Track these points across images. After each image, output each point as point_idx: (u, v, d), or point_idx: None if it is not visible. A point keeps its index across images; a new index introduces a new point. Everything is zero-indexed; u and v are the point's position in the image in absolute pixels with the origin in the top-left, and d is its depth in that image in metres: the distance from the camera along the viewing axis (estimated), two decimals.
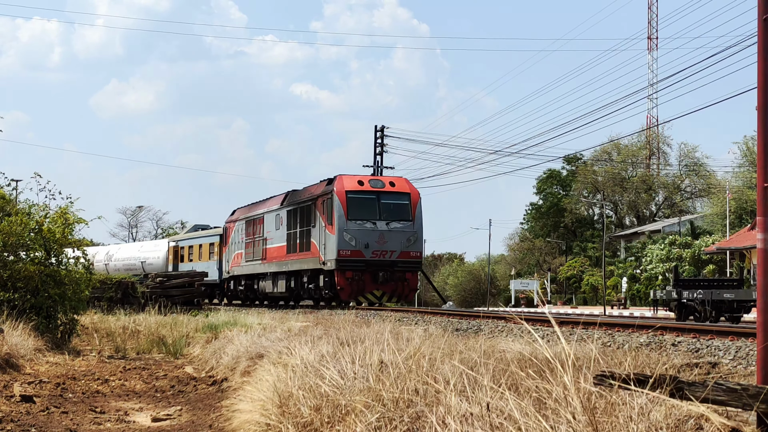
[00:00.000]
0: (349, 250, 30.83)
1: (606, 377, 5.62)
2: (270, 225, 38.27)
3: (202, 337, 19.07)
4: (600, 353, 9.04)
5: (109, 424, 9.77)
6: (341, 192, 31.31)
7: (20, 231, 18.59)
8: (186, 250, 52.62)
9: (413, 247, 31.74)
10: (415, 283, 32.24)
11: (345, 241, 30.75)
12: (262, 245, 39.08)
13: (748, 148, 71.84)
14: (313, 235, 32.89)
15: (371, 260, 31.10)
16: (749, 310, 27.64)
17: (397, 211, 31.80)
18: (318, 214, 32.58)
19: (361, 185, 31.81)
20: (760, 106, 6.13)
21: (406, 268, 31.59)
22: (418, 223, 32.04)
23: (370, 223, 31.22)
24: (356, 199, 31.39)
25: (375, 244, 31.08)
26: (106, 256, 59.96)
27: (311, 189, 34.82)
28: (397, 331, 12.92)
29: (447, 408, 5.79)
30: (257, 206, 41.76)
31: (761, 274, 6.01)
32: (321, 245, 31.95)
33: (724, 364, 10.15)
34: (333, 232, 31.01)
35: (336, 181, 32.05)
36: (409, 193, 32.40)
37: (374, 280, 31.17)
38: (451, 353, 8.56)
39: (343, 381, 7.32)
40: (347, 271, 30.89)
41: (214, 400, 11.38)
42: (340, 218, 30.92)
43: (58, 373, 13.94)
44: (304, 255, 33.68)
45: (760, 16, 6.11)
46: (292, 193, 37.40)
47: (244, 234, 42.00)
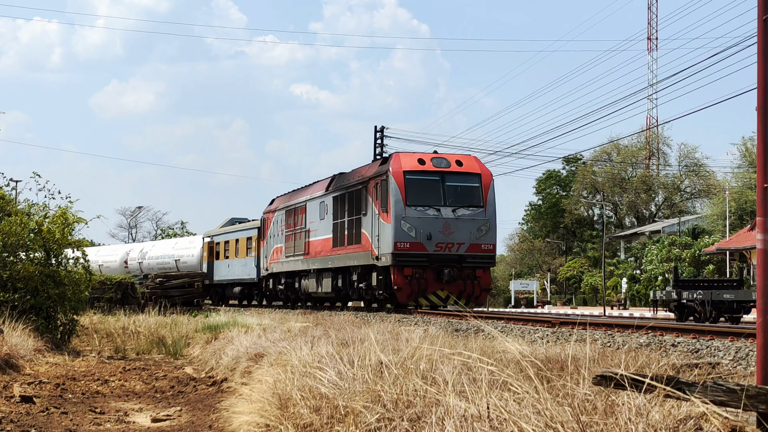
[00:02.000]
0: (408, 242, 26.15)
1: (606, 378, 5.62)
2: (313, 214, 33.70)
3: (201, 338, 19.08)
4: (600, 353, 9.04)
5: (109, 424, 9.77)
6: (398, 172, 26.55)
7: (20, 231, 18.59)
8: (222, 246, 48.39)
9: (485, 239, 26.86)
10: (488, 282, 27.35)
11: (403, 232, 26.16)
12: (304, 238, 34.48)
13: (747, 149, 71.90)
14: (365, 225, 28.32)
15: (435, 254, 26.34)
16: (749, 311, 27.65)
17: (466, 195, 27.00)
18: (370, 199, 27.94)
19: (422, 164, 26.90)
20: (760, 106, 6.13)
21: (477, 263, 26.71)
22: (490, 209, 27.03)
23: (433, 210, 26.49)
24: (416, 180, 26.68)
25: (439, 234, 26.36)
26: (140, 254, 56.36)
27: (361, 170, 30.01)
28: (397, 332, 12.93)
29: (446, 408, 5.79)
30: (298, 193, 37.05)
31: (761, 274, 6.01)
32: (374, 236, 27.38)
33: (723, 365, 10.15)
34: (388, 221, 26.43)
35: (392, 159, 27.28)
36: (480, 174, 27.33)
37: (438, 278, 26.37)
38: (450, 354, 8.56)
39: (343, 382, 7.33)
40: (406, 267, 26.16)
41: (213, 400, 11.38)
42: (397, 204, 26.27)
43: (58, 373, 13.94)
44: (354, 248, 29.14)
45: (760, 16, 6.11)
46: (339, 177, 32.34)
47: (284, 225, 37.51)
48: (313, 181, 36.54)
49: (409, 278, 26.01)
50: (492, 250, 26.99)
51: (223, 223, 52.01)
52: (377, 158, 29.97)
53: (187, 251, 51.30)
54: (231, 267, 46.46)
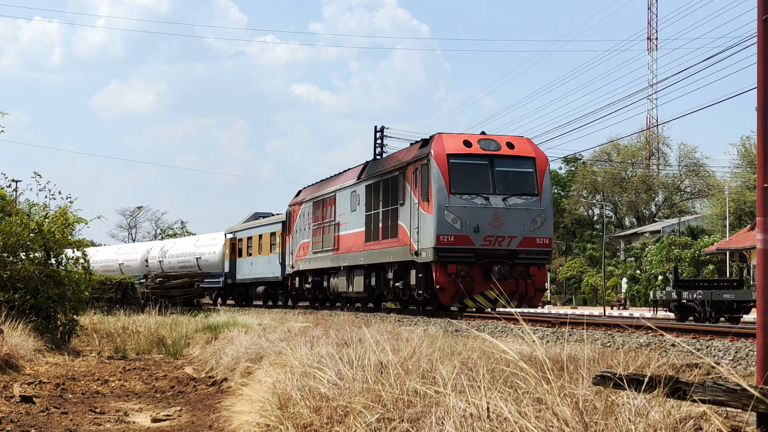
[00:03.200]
0: (453, 236, 23.18)
1: (606, 377, 5.63)
2: (343, 205, 30.57)
3: (201, 338, 19.09)
4: (599, 353, 9.05)
5: (109, 424, 9.77)
6: (441, 156, 23.55)
7: (20, 231, 18.60)
8: (244, 243, 45.18)
9: (540, 231, 23.84)
10: (543, 281, 24.42)
11: (447, 223, 23.14)
12: (333, 232, 31.32)
13: (746, 149, 71.93)
14: (402, 216, 25.32)
15: (483, 249, 23.34)
16: (749, 311, 27.66)
17: (518, 182, 24.07)
18: (408, 187, 24.96)
19: (468, 147, 23.89)
20: (760, 106, 6.13)
21: (531, 259, 23.73)
22: (546, 198, 24.12)
23: (481, 198, 23.51)
24: (462, 165, 23.72)
25: (488, 226, 23.39)
26: (161, 252, 54.18)
27: (398, 155, 27.15)
28: (397, 332, 12.93)
29: (446, 408, 5.80)
30: (327, 183, 33.63)
31: (761, 274, 6.02)
32: (412, 229, 24.43)
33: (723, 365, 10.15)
34: (430, 211, 23.46)
35: (434, 141, 24.17)
36: (534, 158, 24.34)
37: (486, 276, 23.36)
38: (450, 354, 8.56)
39: (343, 382, 7.33)
40: (449, 263, 23.14)
41: (213, 400, 11.38)
42: (440, 191, 23.27)
43: (58, 373, 13.94)
44: (389, 243, 26.14)
45: (760, 16, 6.12)
46: (373, 163, 29.68)
47: (311, 219, 34.31)
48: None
49: (454, 276, 23.13)
50: (548, 244, 24.05)
51: (246, 217, 48.75)
52: (415, 142, 26.14)
53: (209, 249, 48.93)
54: (254, 265, 43.58)
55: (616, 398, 5.55)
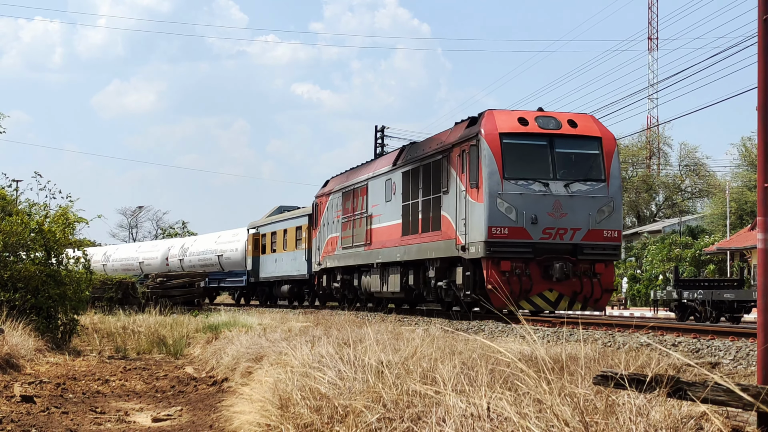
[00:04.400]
0: (507, 228, 20.26)
1: (606, 377, 5.63)
2: (377, 195, 27.55)
3: (202, 338, 19.10)
4: (600, 353, 9.05)
5: (110, 424, 9.78)
6: (493, 135, 20.58)
7: (21, 231, 18.61)
8: (268, 238, 42.41)
9: (608, 223, 20.83)
10: (610, 280, 21.29)
11: (500, 213, 20.26)
12: (365, 225, 28.26)
13: (747, 149, 71.94)
14: (445, 206, 22.40)
15: (541, 243, 20.44)
16: (749, 311, 27.67)
17: (583, 165, 21.18)
18: (453, 172, 21.99)
19: (524, 125, 20.96)
20: (760, 106, 6.13)
21: (597, 255, 20.73)
22: (614, 184, 21.01)
23: (539, 185, 20.55)
24: (517, 146, 20.82)
25: (547, 217, 20.46)
26: (181, 250, 51.86)
27: (441, 137, 23.92)
28: (398, 332, 12.94)
29: (447, 408, 5.80)
30: (358, 171, 30.66)
31: (761, 274, 6.02)
32: (458, 220, 21.51)
33: (724, 365, 10.16)
34: (480, 199, 20.51)
35: (484, 119, 21.10)
36: (600, 138, 21.30)
37: (546, 274, 20.44)
38: (451, 353, 8.57)
39: (343, 382, 7.33)
40: (503, 259, 20.24)
41: (214, 400, 11.38)
42: (492, 176, 20.30)
43: (59, 373, 13.95)
44: (430, 236, 23.22)
45: (760, 16, 6.12)
46: (411, 147, 26.43)
47: (340, 211, 31.16)
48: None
49: (508, 275, 20.18)
50: (617, 238, 20.94)
51: (270, 211, 45.88)
52: (460, 121, 22.91)
53: (231, 245, 46.40)
54: (278, 262, 40.85)
55: (617, 398, 5.55)
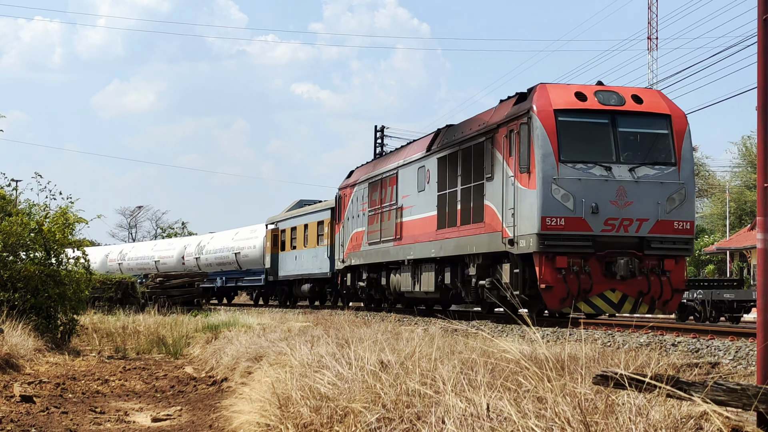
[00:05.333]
0: (563, 218, 17.79)
1: (606, 377, 5.63)
2: (408, 184, 25.13)
3: (202, 338, 19.10)
4: (600, 353, 9.05)
5: (109, 424, 9.78)
6: (547, 112, 18.12)
7: (20, 231, 18.62)
8: (288, 234, 40.00)
9: (680, 213, 18.29)
10: (681, 279, 18.70)
11: (555, 201, 17.78)
12: (394, 218, 25.94)
13: (747, 149, 71.96)
14: (489, 195, 19.83)
15: (603, 236, 17.89)
16: (749, 310, 27.69)
17: (650, 147, 18.71)
18: (499, 156, 19.46)
19: (583, 100, 18.46)
20: (760, 106, 6.13)
21: (667, 250, 18.19)
22: (687, 168, 18.44)
23: (600, 168, 18.02)
24: (575, 124, 18.35)
25: (610, 206, 17.93)
26: (197, 248, 49.85)
27: (483, 116, 21.14)
28: (397, 332, 12.94)
29: (446, 408, 5.79)
30: (387, 159, 28.47)
31: (761, 274, 6.01)
32: (505, 210, 19.00)
33: (724, 364, 10.16)
34: (532, 186, 18.04)
35: (536, 94, 18.55)
36: (669, 115, 18.69)
37: (608, 272, 17.96)
38: (450, 353, 8.57)
39: (342, 382, 7.33)
40: (559, 255, 17.76)
41: (214, 400, 11.38)
42: (546, 159, 17.86)
43: (58, 373, 13.95)
44: (471, 229, 20.74)
45: (760, 16, 6.11)
46: (447, 130, 23.63)
47: (366, 203, 28.73)
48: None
49: (564, 272, 17.76)
50: (689, 230, 18.34)
51: (290, 206, 43.44)
52: (506, 99, 20.35)
53: (249, 242, 44.08)
54: (299, 259, 38.39)
55: (617, 398, 5.55)
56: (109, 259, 59.98)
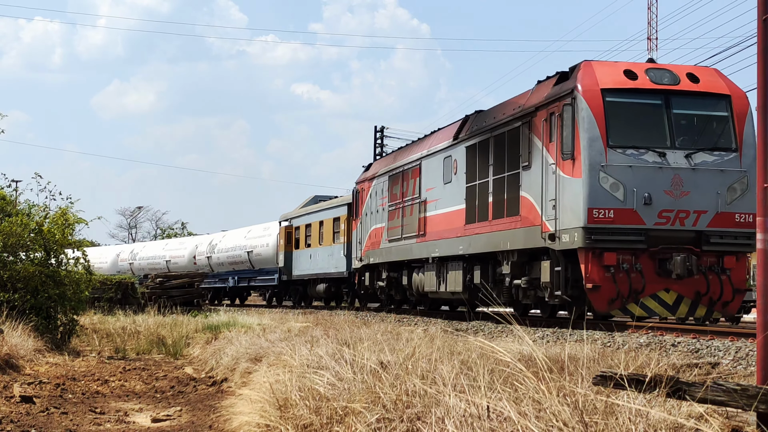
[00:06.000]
0: (612, 210, 16.25)
1: (606, 377, 5.63)
2: (433, 176, 23.62)
3: (201, 338, 19.10)
4: (600, 353, 9.05)
5: (109, 424, 9.78)
6: (593, 91, 16.59)
7: (20, 232, 18.62)
8: (302, 231, 38.55)
9: (741, 204, 16.72)
10: (743, 277, 17.18)
11: (603, 191, 16.24)
12: (417, 212, 24.42)
13: None
14: (526, 185, 18.32)
15: (657, 230, 16.35)
16: (749, 311, 27.67)
17: (708, 131, 17.18)
18: (537, 142, 17.90)
19: (633, 79, 16.90)
20: (760, 106, 6.13)
21: (728, 246, 16.66)
22: (749, 155, 16.71)
23: (653, 154, 16.45)
24: (625, 105, 16.82)
25: (665, 196, 16.36)
26: (209, 248, 48.34)
27: (518, 100, 19.60)
28: (397, 332, 12.94)
29: (446, 409, 5.79)
30: (409, 150, 26.78)
31: (761, 274, 6.02)
32: (546, 202, 17.43)
33: (724, 365, 10.16)
34: (577, 174, 16.50)
35: (580, 72, 17.03)
36: (728, 96, 17.18)
37: (662, 270, 16.36)
38: (450, 354, 8.57)
39: (342, 382, 7.33)
40: (607, 251, 16.24)
41: (213, 400, 11.38)
42: (593, 144, 16.32)
43: (58, 373, 13.94)
44: (505, 224, 19.16)
45: (760, 16, 6.11)
46: (477, 117, 21.97)
47: (386, 197, 27.28)
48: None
49: (613, 270, 16.17)
50: (752, 223, 16.12)
51: (305, 202, 41.55)
52: (545, 79, 18.75)
53: (261, 240, 42.69)
54: (314, 258, 36.95)
55: (617, 398, 5.55)
56: (120, 258, 59.44)
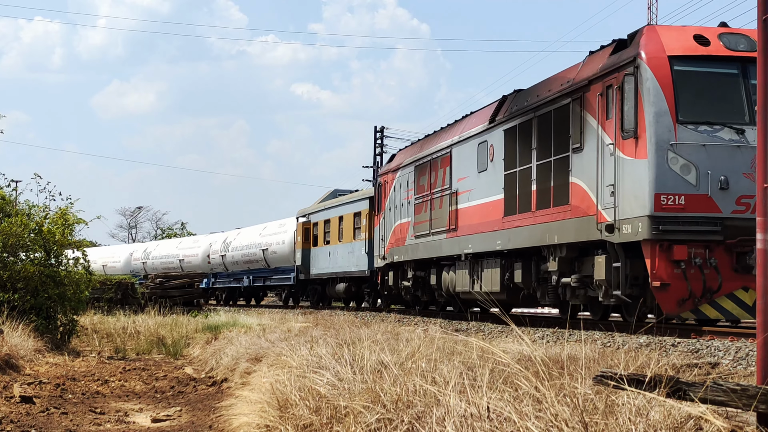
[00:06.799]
0: (683, 195, 14.27)
1: (606, 377, 5.63)
2: (465, 164, 21.57)
3: (201, 338, 19.10)
4: (599, 353, 9.05)
5: (109, 424, 9.77)
6: (660, 59, 14.59)
7: (20, 232, 18.62)
8: (320, 228, 36.38)
9: None
10: None
11: (672, 174, 14.30)
12: (448, 205, 22.40)
13: None
14: (577, 169, 16.40)
15: (736, 219, 14.35)
16: None
17: None
18: (591, 120, 15.93)
19: (705, 44, 14.93)
20: (760, 106, 6.13)
21: None
22: None
23: (730, 131, 14.44)
24: (697, 75, 14.86)
25: (743, 180, 14.31)
26: (223, 246, 46.50)
27: (566, 74, 17.53)
28: (397, 332, 12.94)
29: (447, 409, 5.79)
30: (438, 136, 24.54)
31: (761, 274, 6.01)
32: (601, 187, 15.53)
33: (723, 365, 10.16)
34: (640, 154, 14.54)
35: (643, 38, 14.99)
36: None
37: (741, 265, 14.39)
38: (450, 354, 8.57)
39: (342, 382, 7.33)
40: (677, 243, 14.22)
41: (213, 400, 11.38)
42: (660, 120, 14.34)
43: (58, 373, 13.94)
44: (551, 214, 17.27)
45: (760, 16, 6.11)
46: (517, 96, 19.72)
47: (412, 189, 25.34)
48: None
49: (684, 266, 14.18)
50: None
51: (324, 196, 39.75)
52: (598, 49, 16.77)
53: (277, 237, 40.73)
54: (333, 255, 34.96)
55: (616, 398, 5.55)
56: (134, 258, 58.44)
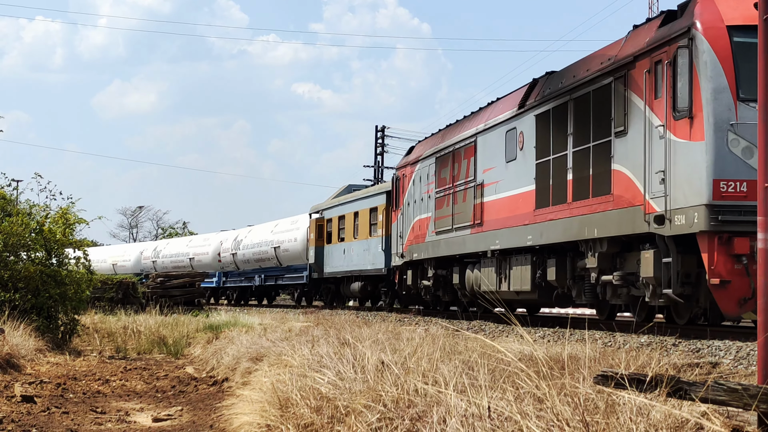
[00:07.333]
0: (745, 182, 12.77)
1: (607, 377, 5.63)
2: (492, 154, 20.05)
3: (203, 338, 19.10)
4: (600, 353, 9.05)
5: (110, 424, 9.78)
6: (718, 29, 13.12)
7: (21, 231, 18.63)
8: (335, 224, 34.80)
9: None
10: None
11: (733, 158, 12.85)
12: (472, 198, 20.90)
13: None
14: (620, 155, 14.93)
15: None
16: None
17: None
18: (636, 101, 14.48)
19: None
20: (761, 106, 6.13)
21: None
22: None
23: None
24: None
25: None
26: (234, 244, 45.32)
27: (606, 51, 15.96)
28: (398, 332, 12.94)
29: (447, 408, 5.80)
30: (461, 125, 22.90)
31: (761, 274, 6.01)
32: (649, 174, 14.06)
33: (724, 364, 10.16)
34: (696, 135, 13.06)
35: (697, 7, 13.43)
36: None
37: None
38: (451, 353, 8.57)
39: (343, 382, 7.33)
40: (739, 236, 12.73)
41: (214, 400, 11.39)
42: (719, 97, 12.88)
43: (59, 373, 13.95)
44: (589, 205, 15.77)
45: (760, 16, 6.11)
46: (550, 78, 18.18)
47: (432, 182, 23.84)
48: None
49: (746, 261, 12.66)
50: None
51: (338, 192, 38.13)
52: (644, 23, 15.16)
53: (289, 234, 39.37)
54: (348, 253, 33.43)
55: (617, 398, 5.56)
56: (144, 256, 57.78)
